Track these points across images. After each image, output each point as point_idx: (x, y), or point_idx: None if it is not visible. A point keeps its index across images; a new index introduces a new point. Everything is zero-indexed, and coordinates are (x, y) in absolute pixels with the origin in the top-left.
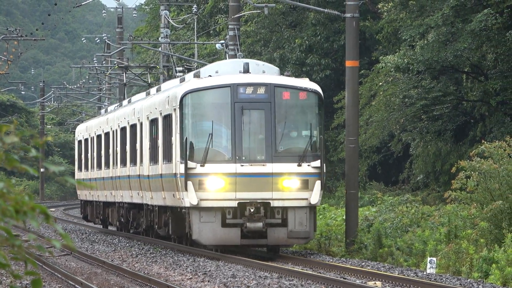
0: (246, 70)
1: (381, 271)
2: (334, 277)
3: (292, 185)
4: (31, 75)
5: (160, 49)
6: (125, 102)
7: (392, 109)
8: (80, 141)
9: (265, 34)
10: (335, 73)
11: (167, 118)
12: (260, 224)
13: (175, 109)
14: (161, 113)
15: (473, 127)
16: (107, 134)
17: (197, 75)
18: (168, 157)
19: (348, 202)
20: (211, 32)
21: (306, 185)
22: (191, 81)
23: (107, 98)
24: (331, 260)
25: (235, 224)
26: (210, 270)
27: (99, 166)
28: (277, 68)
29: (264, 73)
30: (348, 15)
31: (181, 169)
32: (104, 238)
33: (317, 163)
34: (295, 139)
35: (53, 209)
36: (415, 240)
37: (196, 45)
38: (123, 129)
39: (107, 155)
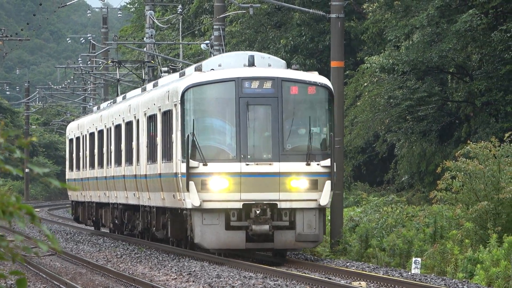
0: (251, 63)
1: (366, 271)
2: (319, 277)
3: (300, 185)
4: (16, 75)
5: (145, 49)
6: (119, 98)
7: (377, 109)
8: (71, 140)
9: (250, 35)
10: (320, 74)
11: (167, 114)
12: (266, 227)
13: (175, 105)
14: (160, 109)
15: (458, 127)
16: (100, 132)
17: (198, 69)
18: (167, 156)
19: (333, 202)
20: (196, 32)
21: (315, 186)
22: (192, 75)
23: (92, 99)
24: (316, 260)
25: (239, 227)
26: (194, 270)
27: (91, 165)
28: (284, 61)
29: (270, 66)
30: (333, 15)
31: (182, 168)
32: (88, 239)
33: (327, 162)
34: (304, 137)
35: (38, 209)
36: (399, 241)
37: (181, 45)
38: (118, 127)
39: (101, 154)
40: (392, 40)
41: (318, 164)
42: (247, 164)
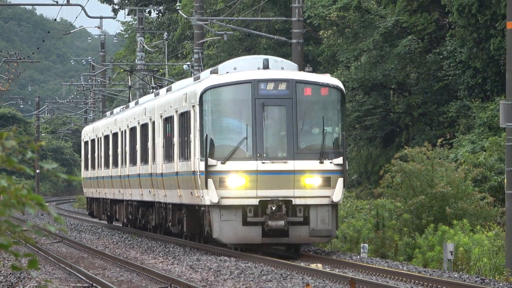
0: (265, 66)
1: (322, 255)
2: (283, 261)
3: (314, 182)
4: (28, 92)
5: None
6: (131, 104)
7: None
8: (86, 142)
9: (225, 57)
10: None
11: (184, 116)
12: (282, 223)
13: (193, 106)
14: (176, 111)
15: (399, 134)
16: (115, 134)
17: (214, 72)
18: (185, 155)
19: None
20: (179, 55)
21: (328, 183)
22: (210, 78)
23: (92, 111)
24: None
25: (256, 223)
26: (178, 255)
27: (106, 165)
28: (296, 65)
29: (283, 69)
30: (294, 41)
31: (201, 166)
32: (89, 228)
33: (339, 160)
34: (317, 136)
35: (47, 203)
36: (350, 230)
37: (166, 66)
38: (133, 129)
39: (115, 155)
40: (343, 61)
41: (331, 162)
42: (263, 162)
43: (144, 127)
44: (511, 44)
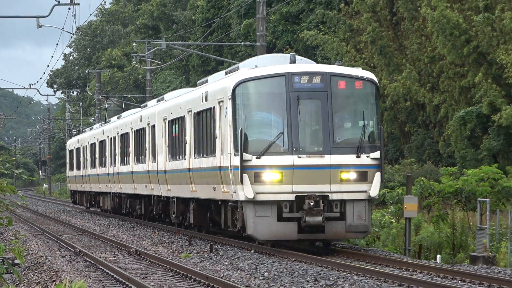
0: (292, 61)
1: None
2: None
3: (350, 177)
4: (10, 133)
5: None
6: (113, 118)
7: None
8: (71, 150)
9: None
10: None
11: (201, 114)
12: (319, 218)
13: (219, 102)
14: (189, 111)
15: None
16: (102, 141)
17: (235, 70)
18: (205, 151)
19: None
20: (89, 114)
21: (365, 177)
22: (241, 72)
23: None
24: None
25: (291, 218)
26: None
27: (92, 166)
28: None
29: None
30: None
31: (234, 161)
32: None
33: (376, 154)
34: (353, 130)
35: (18, 191)
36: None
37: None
38: (124, 135)
39: (102, 157)
40: None
41: (367, 156)
42: (299, 157)
43: (139, 132)
44: None
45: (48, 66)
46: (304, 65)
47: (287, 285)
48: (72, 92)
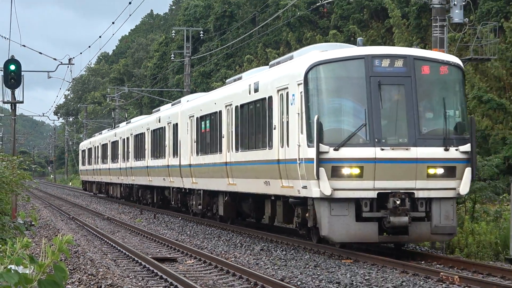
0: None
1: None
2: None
3: (438, 172)
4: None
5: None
6: (122, 124)
7: None
8: (83, 150)
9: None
10: None
11: (249, 106)
12: (405, 219)
13: (282, 89)
14: (227, 105)
15: None
16: (114, 142)
17: (289, 58)
18: (252, 145)
19: None
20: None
21: (454, 173)
22: (312, 55)
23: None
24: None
25: (371, 218)
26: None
27: (103, 161)
28: None
29: None
30: None
31: (307, 153)
32: (83, 197)
33: (467, 147)
34: (439, 120)
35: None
36: None
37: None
38: (139, 135)
39: (114, 154)
40: None
41: (456, 150)
42: (382, 149)
43: (156, 131)
44: None
45: (54, 102)
46: (386, 47)
47: None
48: (69, 118)
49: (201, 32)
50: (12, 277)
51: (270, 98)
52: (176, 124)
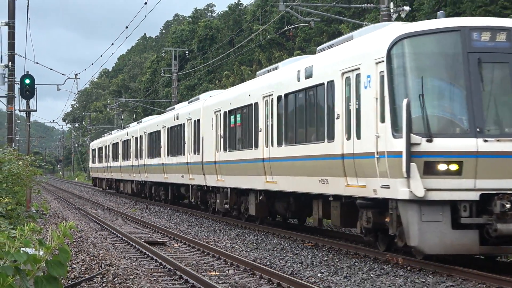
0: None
1: None
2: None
3: None
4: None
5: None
6: (133, 124)
7: None
8: (94, 150)
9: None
10: None
11: (296, 95)
12: None
13: (347, 72)
14: (267, 96)
15: None
16: (125, 141)
17: (350, 38)
18: (302, 138)
19: None
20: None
21: None
22: (392, 27)
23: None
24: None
25: (470, 225)
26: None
27: (114, 159)
28: None
29: None
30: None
31: (390, 145)
32: (99, 194)
33: None
34: None
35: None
36: None
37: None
38: (153, 133)
39: (126, 153)
40: None
41: None
42: (486, 141)
43: (173, 128)
44: None
45: (62, 110)
46: (481, 18)
47: None
48: (75, 124)
49: (187, 52)
50: (21, 256)
51: (331, 83)
52: (198, 120)
